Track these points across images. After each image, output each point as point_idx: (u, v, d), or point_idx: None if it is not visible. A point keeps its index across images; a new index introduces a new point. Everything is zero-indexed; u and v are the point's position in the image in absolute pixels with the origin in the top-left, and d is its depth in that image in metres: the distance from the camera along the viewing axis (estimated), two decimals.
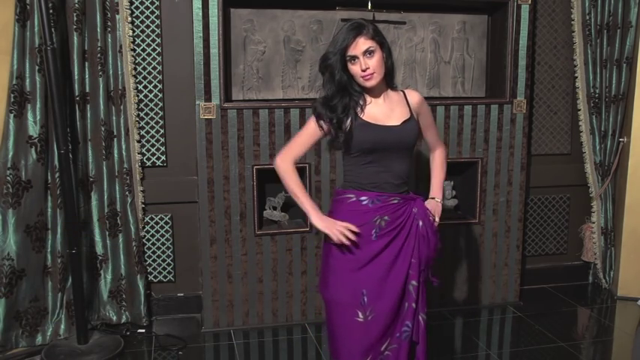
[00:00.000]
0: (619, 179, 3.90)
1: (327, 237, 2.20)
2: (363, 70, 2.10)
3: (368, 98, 2.19)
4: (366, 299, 2.16)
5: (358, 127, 2.14)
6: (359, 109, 2.16)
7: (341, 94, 2.15)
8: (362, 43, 2.09)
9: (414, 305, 2.19)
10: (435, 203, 2.38)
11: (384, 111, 2.20)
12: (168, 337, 3.32)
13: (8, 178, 2.99)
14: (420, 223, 2.22)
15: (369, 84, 2.14)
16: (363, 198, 2.19)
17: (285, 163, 2.23)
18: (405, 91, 2.30)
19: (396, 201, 2.21)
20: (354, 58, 2.10)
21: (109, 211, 3.28)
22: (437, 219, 2.33)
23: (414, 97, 2.28)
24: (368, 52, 2.10)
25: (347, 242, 2.13)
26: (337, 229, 2.13)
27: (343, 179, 2.28)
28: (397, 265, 2.19)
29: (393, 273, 2.18)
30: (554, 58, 3.85)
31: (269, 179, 3.42)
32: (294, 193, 2.24)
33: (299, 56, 3.42)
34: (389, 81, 2.23)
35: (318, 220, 2.18)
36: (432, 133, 2.40)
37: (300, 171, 3.36)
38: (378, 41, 2.12)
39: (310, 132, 2.22)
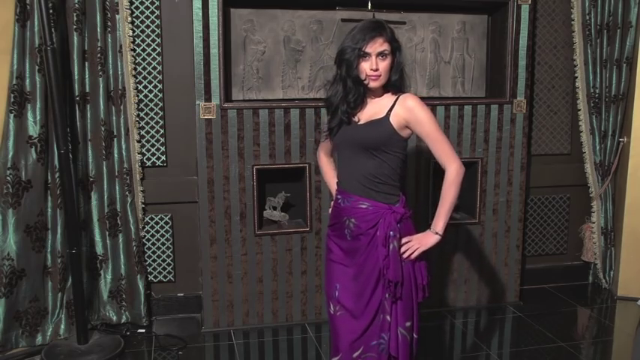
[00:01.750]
0: (619, 179, 3.90)
1: None
2: (373, 70, 2.09)
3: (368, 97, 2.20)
4: (337, 293, 2.20)
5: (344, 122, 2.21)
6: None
7: (357, 88, 2.14)
8: (379, 44, 2.09)
9: (388, 318, 2.13)
10: (424, 235, 2.16)
11: (366, 110, 2.19)
12: (168, 337, 3.32)
13: (8, 178, 2.99)
14: (395, 243, 2.12)
15: (372, 84, 2.13)
16: (339, 196, 2.26)
17: (320, 156, 2.56)
18: (402, 95, 2.17)
19: (364, 206, 2.16)
20: (367, 55, 2.09)
21: (109, 211, 3.28)
22: (407, 251, 2.13)
23: (406, 102, 2.14)
24: (381, 55, 2.09)
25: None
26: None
27: None
28: (366, 271, 2.16)
29: (363, 277, 2.16)
30: (554, 58, 3.85)
31: (269, 179, 3.43)
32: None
33: (299, 56, 3.42)
34: (399, 86, 2.19)
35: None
36: (435, 146, 2.15)
37: (300, 171, 3.37)
38: (393, 46, 2.12)
39: None
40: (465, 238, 3.64)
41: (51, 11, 2.88)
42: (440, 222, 2.15)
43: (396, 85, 2.19)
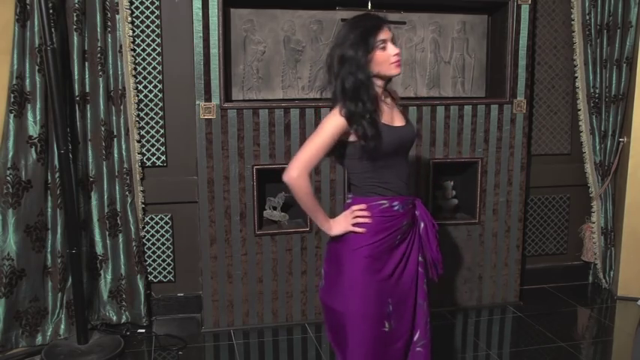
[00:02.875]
0: (619, 179, 3.90)
1: (347, 247, 2.06)
2: (396, 55, 2.00)
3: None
4: (391, 308, 2.09)
5: (382, 128, 2.01)
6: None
7: (366, 86, 1.99)
8: (387, 32, 2.02)
9: (426, 306, 2.18)
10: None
11: (387, 111, 2.08)
12: (168, 337, 3.32)
13: (8, 178, 2.99)
14: (422, 224, 2.17)
15: (398, 70, 2.03)
16: (395, 203, 2.07)
17: (303, 178, 2.00)
18: (393, 93, 2.19)
19: (411, 205, 2.16)
20: (384, 42, 1.99)
21: (109, 211, 3.28)
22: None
23: (397, 98, 2.20)
24: (393, 42, 2.03)
25: (365, 220, 2.04)
26: (351, 217, 2.05)
27: (360, 186, 2.09)
28: (409, 267, 2.15)
29: (406, 276, 2.14)
30: (554, 58, 3.85)
31: (269, 179, 3.42)
32: (311, 210, 2.06)
33: (299, 56, 3.42)
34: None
35: (336, 226, 2.08)
36: None
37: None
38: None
39: (333, 134, 1.99)
40: (464, 238, 3.64)
41: (51, 11, 2.88)
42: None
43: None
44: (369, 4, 3.33)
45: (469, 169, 3.67)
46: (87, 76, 3.13)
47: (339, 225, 2.08)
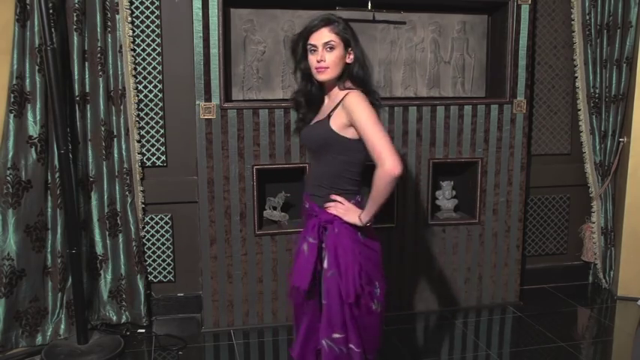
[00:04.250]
0: (619, 179, 3.90)
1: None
2: (318, 62, 2.06)
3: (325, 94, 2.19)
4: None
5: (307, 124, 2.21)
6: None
7: (305, 83, 2.16)
8: (324, 35, 2.05)
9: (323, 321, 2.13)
10: (354, 210, 2.10)
11: (323, 109, 2.19)
12: (168, 337, 3.32)
13: (8, 178, 2.99)
14: (305, 246, 2.15)
15: (320, 77, 2.09)
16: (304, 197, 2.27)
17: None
18: (349, 92, 2.08)
19: (307, 205, 2.21)
20: (314, 47, 2.07)
21: (109, 211, 3.28)
22: (332, 208, 2.10)
23: (345, 99, 2.05)
24: (328, 46, 2.05)
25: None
26: None
27: None
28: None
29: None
30: (554, 58, 3.85)
31: (269, 179, 3.43)
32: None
33: None
34: (355, 82, 2.10)
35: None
36: (367, 142, 2.00)
37: (300, 171, 3.37)
38: (343, 38, 2.07)
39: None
40: (465, 238, 3.64)
41: (51, 11, 2.88)
42: (368, 215, 2.06)
43: (359, 81, 2.11)
44: (369, 4, 3.33)
45: (469, 169, 3.67)
46: (87, 76, 3.13)
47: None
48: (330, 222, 2.09)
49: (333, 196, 2.12)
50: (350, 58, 2.10)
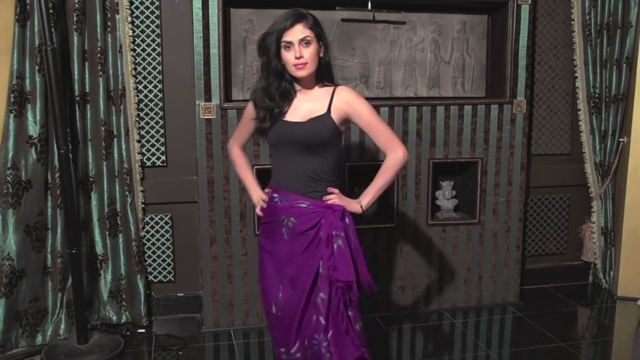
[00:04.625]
0: (619, 179, 3.90)
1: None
2: (297, 58, 2.05)
3: (297, 90, 2.17)
4: (280, 295, 2.18)
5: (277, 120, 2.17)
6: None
7: (278, 80, 2.12)
8: (299, 31, 2.05)
9: (322, 320, 2.08)
10: (350, 201, 2.18)
11: (299, 106, 2.15)
12: (168, 337, 3.32)
13: (8, 178, 2.99)
14: (340, 241, 2.08)
15: (299, 73, 2.08)
16: (275, 195, 2.21)
17: (232, 148, 2.45)
18: (337, 88, 2.17)
19: (304, 205, 2.13)
20: (289, 44, 2.06)
21: (109, 211, 3.28)
22: (334, 199, 2.15)
23: (343, 95, 2.14)
24: (304, 42, 2.05)
25: (259, 212, 2.31)
26: (257, 199, 2.34)
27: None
28: (304, 274, 2.12)
29: (302, 279, 2.13)
30: (554, 58, 3.85)
31: (269, 179, 3.42)
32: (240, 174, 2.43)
33: None
34: (324, 77, 2.17)
35: (254, 195, 2.38)
36: (376, 134, 2.17)
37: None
38: (316, 33, 2.08)
39: (248, 117, 2.28)
40: (465, 238, 3.64)
41: (51, 11, 2.87)
42: (367, 198, 2.18)
43: (325, 76, 2.17)
44: (369, 4, 3.33)
45: (469, 169, 3.67)
46: (87, 76, 3.13)
47: (254, 197, 2.41)
48: (342, 211, 2.14)
49: (330, 189, 2.16)
50: (321, 52, 2.12)
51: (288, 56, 2.07)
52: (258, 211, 2.35)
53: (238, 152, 2.45)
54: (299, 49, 2.04)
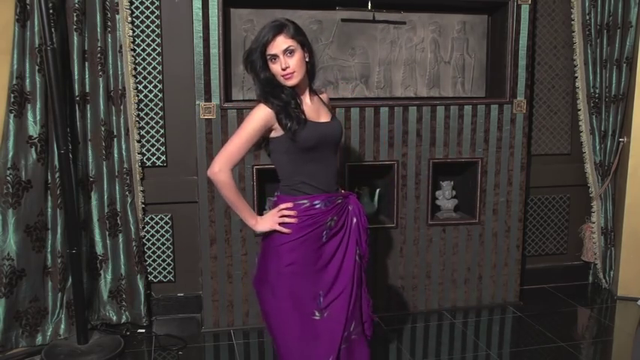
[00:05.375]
0: (619, 179, 3.90)
1: (272, 243, 2.16)
2: (283, 69, 2.08)
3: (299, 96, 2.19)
4: (322, 299, 2.17)
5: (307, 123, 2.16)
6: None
7: (273, 91, 2.12)
8: (282, 42, 2.07)
9: (363, 296, 2.28)
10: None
11: (312, 108, 2.20)
12: (168, 337, 3.32)
13: (8, 178, 2.99)
14: (355, 220, 2.24)
15: (289, 83, 2.11)
16: (316, 202, 2.15)
17: (224, 173, 2.10)
18: (322, 93, 2.34)
19: (340, 201, 2.23)
20: (275, 57, 2.09)
21: (109, 211, 3.28)
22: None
23: (326, 98, 2.34)
24: (288, 52, 2.08)
25: (291, 220, 2.12)
26: (277, 217, 2.13)
27: (286, 183, 2.18)
28: (346, 261, 2.22)
29: (343, 271, 2.21)
30: (554, 58, 3.85)
31: (269, 179, 3.42)
32: (235, 204, 2.16)
33: None
34: (312, 79, 2.24)
35: (262, 223, 2.16)
36: None
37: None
38: (298, 40, 2.10)
39: (258, 126, 2.10)
40: (465, 238, 3.64)
41: (51, 11, 2.88)
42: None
43: (313, 75, 2.23)
44: (369, 4, 3.33)
45: (469, 169, 3.67)
46: (87, 76, 3.13)
47: (266, 222, 2.16)
48: (356, 195, 2.37)
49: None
50: (307, 56, 2.15)
51: (276, 68, 2.10)
52: (284, 229, 2.14)
53: (233, 182, 2.14)
54: (284, 60, 2.08)
